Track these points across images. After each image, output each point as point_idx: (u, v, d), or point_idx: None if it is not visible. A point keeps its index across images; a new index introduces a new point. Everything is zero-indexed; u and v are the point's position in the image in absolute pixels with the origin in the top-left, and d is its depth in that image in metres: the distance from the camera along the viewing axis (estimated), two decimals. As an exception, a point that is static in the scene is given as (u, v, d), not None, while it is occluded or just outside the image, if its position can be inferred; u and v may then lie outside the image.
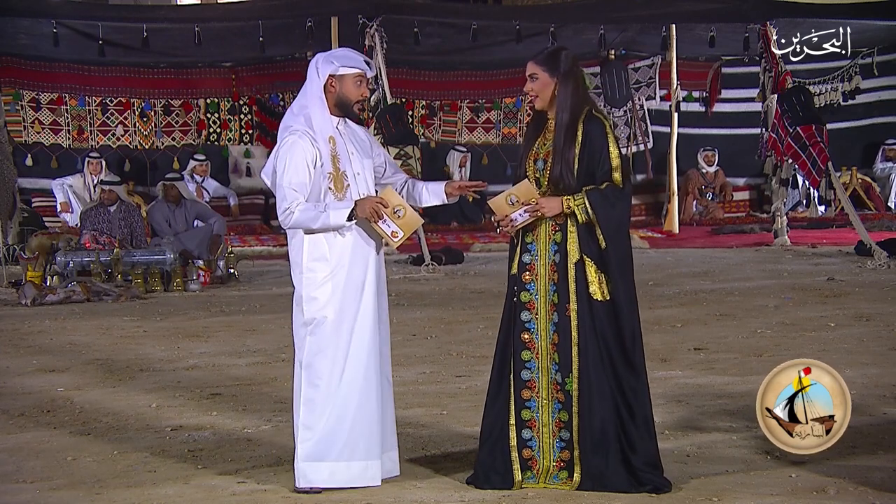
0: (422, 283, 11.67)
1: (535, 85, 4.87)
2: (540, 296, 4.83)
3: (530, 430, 4.82)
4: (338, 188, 4.88)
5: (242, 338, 8.72)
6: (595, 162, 4.77)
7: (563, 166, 4.75)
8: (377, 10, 13.55)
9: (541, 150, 4.88)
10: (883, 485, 4.75)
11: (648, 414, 4.80)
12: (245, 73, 16.71)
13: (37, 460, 5.45)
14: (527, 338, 4.86)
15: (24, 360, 8.02)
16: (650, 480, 4.71)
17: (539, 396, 4.82)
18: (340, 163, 4.90)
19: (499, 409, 4.88)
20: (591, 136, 4.77)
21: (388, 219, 4.86)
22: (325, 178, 4.86)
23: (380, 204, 4.83)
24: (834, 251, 13.52)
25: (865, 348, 7.75)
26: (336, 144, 4.91)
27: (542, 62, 4.86)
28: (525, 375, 4.85)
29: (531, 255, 4.87)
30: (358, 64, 4.91)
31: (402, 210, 4.89)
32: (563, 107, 4.82)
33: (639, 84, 16.50)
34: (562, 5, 17.06)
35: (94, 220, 12.26)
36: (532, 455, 4.82)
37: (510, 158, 17.45)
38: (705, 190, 17.40)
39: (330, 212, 4.79)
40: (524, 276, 4.86)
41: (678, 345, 7.94)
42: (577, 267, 4.75)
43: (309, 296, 4.85)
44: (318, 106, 4.90)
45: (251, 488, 4.92)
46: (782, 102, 13.66)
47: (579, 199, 4.72)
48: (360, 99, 4.95)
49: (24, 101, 16.05)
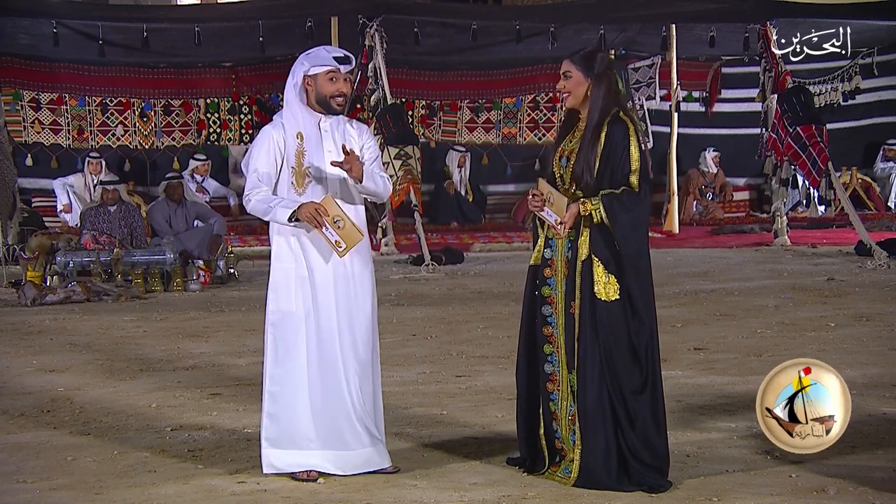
0: (422, 283, 11.67)
1: (567, 83, 4.91)
2: (558, 291, 4.88)
3: (555, 421, 4.90)
4: (298, 184, 5.00)
5: (242, 338, 8.72)
6: (616, 163, 4.82)
7: (585, 166, 4.82)
8: (377, 10, 13.56)
9: (566, 148, 4.94)
10: (883, 485, 4.76)
11: (659, 414, 4.82)
12: (245, 73, 16.72)
13: (37, 460, 5.45)
14: (548, 332, 4.91)
15: (24, 360, 8.02)
16: (645, 480, 4.72)
17: (559, 390, 4.87)
18: (306, 158, 5.00)
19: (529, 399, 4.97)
20: (613, 138, 4.83)
21: (329, 227, 4.89)
22: (289, 172, 4.99)
23: (318, 211, 4.87)
24: (834, 251, 13.53)
25: (865, 348, 7.75)
26: (305, 140, 5.00)
27: (578, 62, 4.91)
28: (548, 369, 4.91)
29: (552, 251, 4.93)
30: (326, 62, 5.00)
31: (341, 221, 4.91)
32: (594, 107, 4.87)
33: (639, 84, 16.50)
34: (562, 5, 17.06)
35: (94, 220, 12.25)
36: (562, 446, 4.89)
37: (510, 158, 17.49)
38: (705, 190, 17.41)
39: (277, 208, 4.93)
40: (545, 272, 4.93)
41: (678, 345, 7.94)
42: (585, 265, 4.79)
43: (273, 289, 5.03)
44: (294, 102, 5.05)
45: (251, 488, 4.92)
46: (782, 102, 13.67)
47: (595, 203, 4.78)
48: (337, 94, 5.01)
49: (24, 101, 16.05)
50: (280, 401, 5.00)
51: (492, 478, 4.97)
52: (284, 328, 5.00)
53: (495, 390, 6.66)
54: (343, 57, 5.02)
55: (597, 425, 4.74)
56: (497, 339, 8.32)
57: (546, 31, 14.58)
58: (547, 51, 14.93)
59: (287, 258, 5.01)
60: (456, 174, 16.93)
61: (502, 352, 7.76)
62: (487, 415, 6.09)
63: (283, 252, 5.02)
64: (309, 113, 5.03)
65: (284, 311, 5.00)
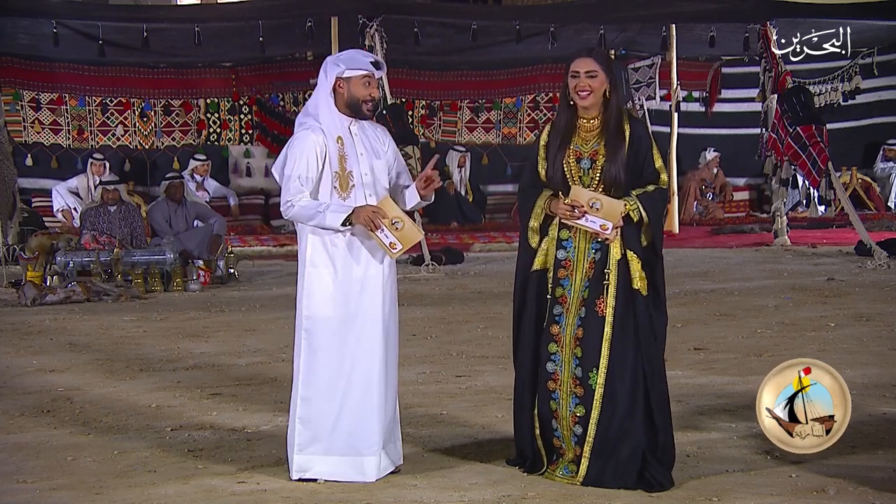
0: (422, 283, 11.67)
1: (593, 82, 4.83)
2: (573, 291, 4.87)
3: (555, 420, 4.88)
4: (343, 188, 4.94)
5: (242, 338, 8.72)
6: (641, 161, 4.85)
7: (619, 167, 4.80)
8: (377, 10, 13.55)
9: (583, 150, 4.88)
10: (883, 485, 4.76)
11: (668, 406, 4.86)
12: (245, 73, 16.71)
13: (37, 460, 5.45)
14: (555, 331, 4.90)
15: (24, 360, 8.02)
16: (656, 477, 4.74)
17: (561, 389, 4.87)
18: (347, 163, 4.96)
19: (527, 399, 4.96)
20: (638, 137, 4.86)
21: (385, 229, 4.86)
22: (332, 177, 4.93)
23: (377, 214, 4.85)
24: (834, 251, 13.53)
25: (865, 348, 7.75)
26: (344, 144, 4.98)
27: (602, 61, 4.87)
28: (550, 367, 4.90)
29: (567, 252, 4.90)
30: (363, 65, 4.96)
31: (400, 222, 4.88)
32: (615, 107, 4.86)
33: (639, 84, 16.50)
34: (562, 5, 17.06)
35: (94, 220, 12.25)
36: (560, 444, 4.88)
37: (510, 158, 17.48)
38: (705, 190, 17.41)
39: (328, 213, 4.86)
40: (560, 273, 4.89)
41: (678, 345, 7.93)
42: (621, 264, 4.80)
43: (308, 294, 4.94)
44: (326, 106, 4.98)
45: (251, 488, 4.92)
46: (782, 102, 13.66)
47: (633, 205, 4.78)
48: (369, 98, 4.99)
49: (24, 101, 16.07)
50: (315, 407, 4.92)
51: (492, 478, 4.97)
52: (320, 334, 4.92)
53: (495, 390, 6.66)
54: (377, 62, 5.01)
55: (627, 423, 4.75)
56: (497, 339, 8.32)
57: (546, 31, 14.57)
58: (547, 51, 14.93)
59: (323, 263, 4.93)
60: (456, 174, 16.93)
61: (502, 352, 7.75)
62: (487, 415, 6.09)
63: (317, 257, 4.93)
64: (340, 116, 4.99)
65: (320, 317, 4.92)
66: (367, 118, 5.04)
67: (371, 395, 4.93)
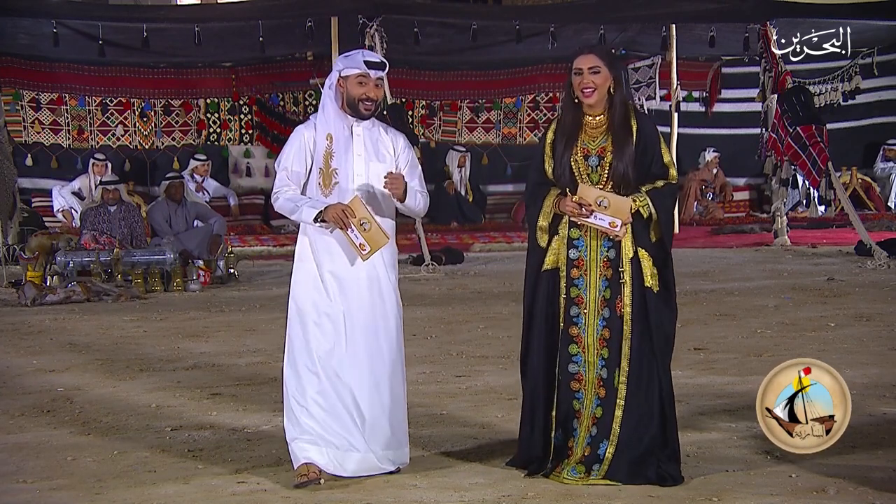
0: (422, 283, 11.67)
1: (597, 78, 4.81)
2: (589, 291, 4.85)
3: (577, 419, 4.87)
4: (325, 184, 5.01)
5: (242, 338, 8.72)
6: (649, 157, 4.83)
7: (628, 163, 4.78)
8: (377, 10, 13.54)
9: (591, 147, 4.86)
10: (883, 485, 4.75)
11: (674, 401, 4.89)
12: (245, 73, 16.72)
13: (37, 460, 5.45)
14: (574, 332, 4.88)
15: (24, 360, 8.02)
16: (669, 472, 4.77)
17: (585, 389, 4.86)
18: (333, 160, 5.00)
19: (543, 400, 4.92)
20: (645, 132, 4.83)
21: (355, 230, 4.87)
22: (317, 173, 5.01)
23: (344, 213, 4.86)
24: (834, 251, 13.53)
25: (865, 348, 7.75)
26: (334, 142, 5.01)
27: (605, 56, 4.85)
28: (572, 369, 4.88)
29: (578, 251, 4.89)
30: (357, 64, 5.00)
31: (367, 223, 4.89)
32: (620, 104, 4.84)
33: (639, 84, 16.50)
34: (562, 5, 17.06)
35: (94, 220, 12.25)
36: (573, 445, 4.87)
37: (510, 158, 17.49)
38: (705, 190, 17.41)
39: (304, 208, 4.95)
40: (573, 272, 4.87)
41: (678, 345, 7.81)
42: (633, 262, 4.80)
43: (293, 288, 5.04)
44: (330, 104, 5.06)
45: (251, 488, 4.92)
46: (782, 102, 13.67)
47: (643, 200, 4.77)
48: (362, 97, 5.00)
49: (24, 101, 16.07)
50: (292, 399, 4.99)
51: (492, 478, 4.97)
52: (299, 327, 5.00)
53: (495, 390, 6.66)
54: (376, 62, 5.03)
55: (648, 422, 4.76)
56: (497, 339, 8.32)
57: (546, 31, 14.57)
58: (547, 51, 14.93)
59: (308, 258, 5.02)
60: (456, 174, 16.93)
61: (502, 352, 7.76)
62: (487, 415, 6.09)
63: (305, 252, 5.04)
64: (342, 115, 5.04)
65: (300, 311, 5.00)
66: (366, 118, 5.05)
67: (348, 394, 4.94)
